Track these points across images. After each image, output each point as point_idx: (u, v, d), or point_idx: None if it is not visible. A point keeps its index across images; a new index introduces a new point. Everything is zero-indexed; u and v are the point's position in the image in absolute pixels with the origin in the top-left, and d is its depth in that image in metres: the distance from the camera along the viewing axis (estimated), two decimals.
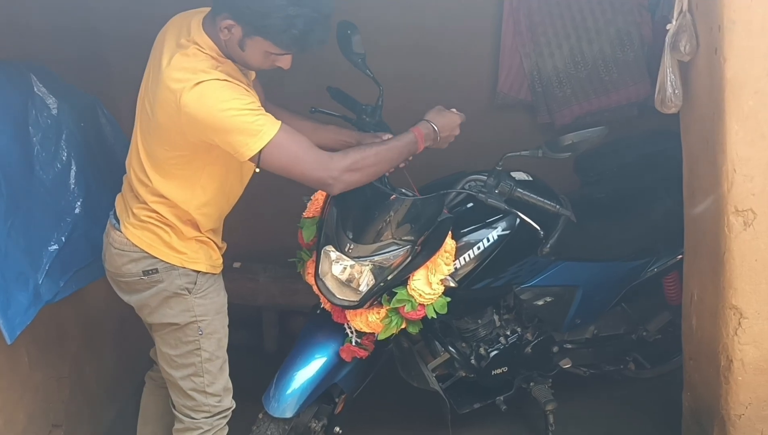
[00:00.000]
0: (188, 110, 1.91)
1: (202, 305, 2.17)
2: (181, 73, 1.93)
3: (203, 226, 2.14)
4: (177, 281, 2.13)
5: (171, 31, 2.06)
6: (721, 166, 2.00)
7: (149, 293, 2.15)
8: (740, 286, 2.04)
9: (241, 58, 2.00)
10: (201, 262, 2.16)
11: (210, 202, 2.13)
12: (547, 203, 2.33)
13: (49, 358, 2.53)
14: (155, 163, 2.07)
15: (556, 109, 3.19)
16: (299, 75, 2.46)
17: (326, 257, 2.25)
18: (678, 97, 2.13)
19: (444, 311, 2.25)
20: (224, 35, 1.95)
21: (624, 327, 2.85)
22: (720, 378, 2.16)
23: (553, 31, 3.09)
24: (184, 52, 1.97)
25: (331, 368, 2.38)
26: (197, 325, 2.16)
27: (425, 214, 2.24)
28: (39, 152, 2.30)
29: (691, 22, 2.05)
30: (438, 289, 2.22)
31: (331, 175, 2.00)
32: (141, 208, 2.12)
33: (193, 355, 2.19)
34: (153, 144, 2.05)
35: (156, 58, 2.04)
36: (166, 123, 1.97)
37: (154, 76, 2.02)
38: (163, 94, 1.95)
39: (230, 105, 1.91)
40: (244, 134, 1.92)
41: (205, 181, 2.09)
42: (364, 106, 2.43)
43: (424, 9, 3.11)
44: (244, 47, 1.96)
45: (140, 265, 2.13)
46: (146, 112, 2.05)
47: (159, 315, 2.17)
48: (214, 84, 1.91)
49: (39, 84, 2.37)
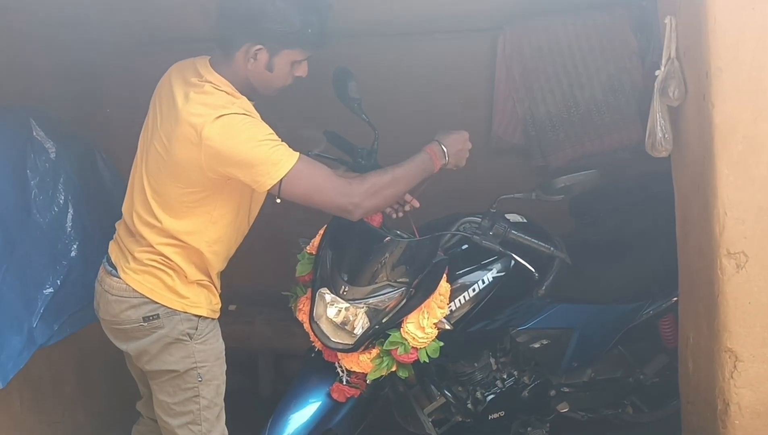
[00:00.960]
0: (210, 143, 1.94)
1: (202, 351, 2.15)
2: (201, 108, 1.97)
3: (211, 265, 2.14)
4: (179, 327, 2.11)
5: (175, 76, 2.11)
6: (712, 210, 2.01)
7: (149, 340, 2.12)
8: (735, 329, 2.04)
9: (267, 81, 2.06)
10: (202, 306, 2.16)
11: (221, 239, 2.13)
12: (542, 245, 2.34)
13: (43, 402, 2.51)
14: (166, 202, 2.07)
15: (550, 152, 3.22)
16: (296, 119, 2.50)
17: (321, 300, 2.25)
18: (668, 141, 2.16)
19: (436, 356, 2.24)
20: (251, 65, 2.02)
21: (621, 370, 2.83)
22: (717, 422, 2.15)
23: (546, 77, 3.14)
24: (200, 90, 2.01)
25: (326, 412, 2.36)
26: (197, 371, 2.14)
27: (420, 256, 2.25)
28: (36, 196, 2.32)
29: (679, 69, 2.10)
30: (431, 332, 2.22)
31: (352, 201, 2.03)
32: (144, 251, 2.11)
33: (191, 402, 2.16)
34: (166, 183, 2.06)
35: (165, 99, 2.08)
36: (185, 159, 1.99)
37: (166, 116, 2.05)
38: (182, 129, 1.98)
39: (251, 136, 1.96)
40: (266, 164, 1.95)
41: (216, 217, 2.10)
42: (359, 149, 2.46)
43: (419, 54, 3.17)
44: (273, 67, 2.03)
45: (140, 311, 2.11)
46: (157, 151, 2.06)
47: (158, 362, 2.14)
48: (235, 117, 1.97)
49: (38, 128, 2.40)
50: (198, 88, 2.02)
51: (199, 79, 2.04)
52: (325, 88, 2.35)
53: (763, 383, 2.06)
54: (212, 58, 2.09)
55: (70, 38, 2.90)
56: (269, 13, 1.97)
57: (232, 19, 2.02)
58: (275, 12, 1.97)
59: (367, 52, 2.99)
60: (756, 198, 1.97)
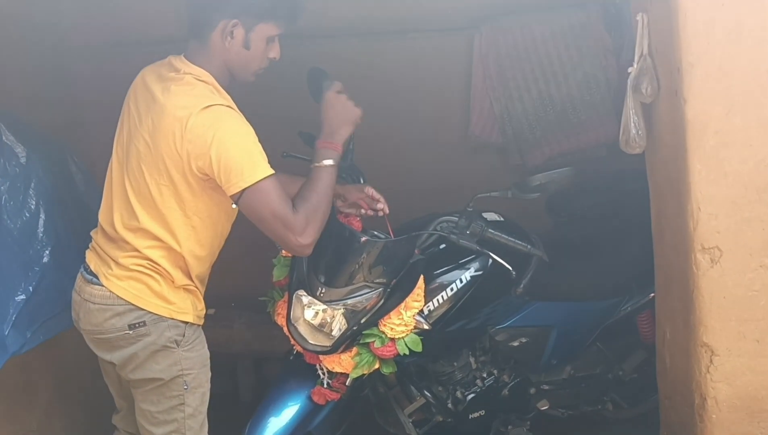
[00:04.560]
0: (196, 132, 1.91)
1: (189, 358, 2.11)
2: (185, 99, 1.95)
3: (193, 269, 2.10)
4: (166, 334, 2.07)
5: (149, 76, 2.08)
6: (686, 205, 2.03)
7: (135, 348, 2.07)
8: (710, 324, 2.05)
9: (244, 61, 2.05)
10: (189, 312, 2.12)
11: (202, 242, 2.09)
12: (519, 243, 2.34)
13: (17, 411, 2.47)
14: (148, 202, 2.03)
15: (527, 150, 3.23)
16: (270, 121, 2.48)
17: (298, 302, 2.24)
18: (642, 137, 2.17)
19: (417, 348, 2.23)
20: (228, 43, 2.01)
21: (600, 367, 2.84)
22: (695, 417, 2.16)
23: (522, 75, 3.15)
24: (181, 82, 1.99)
25: (306, 415, 2.35)
26: (183, 379, 2.10)
27: (397, 256, 2.24)
28: (7, 201, 2.28)
29: (651, 65, 2.11)
30: (408, 320, 2.20)
31: (298, 241, 1.97)
32: (129, 256, 2.06)
33: (176, 410, 2.11)
34: (149, 182, 2.01)
35: (142, 98, 2.05)
36: (168, 153, 1.96)
37: (146, 114, 2.01)
38: (166, 122, 1.95)
39: (238, 130, 1.95)
40: (242, 162, 1.92)
41: (196, 220, 2.06)
42: None
43: (397, 52, 3.17)
44: (249, 44, 2.02)
45: (126, 319, 2.05)
46: (138, 151, 2.02)
47: (144, 370, 2.09)
48: (222, 109, 1.96)
49: (7, 132, 2.35)
50: (179, 81, 1.99)
51: (177, 72, 2.02)
52: (299, 88, 2.34)
53: (739, 377, 2.08)
54: (186, 52, 2.07)
55: (40, 40, 2.86)
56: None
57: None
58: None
59: (342, 51, 2.98)
60: (729, 192, 1.99)
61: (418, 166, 3.24)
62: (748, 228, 1.99)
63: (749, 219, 1.99)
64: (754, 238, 2.00)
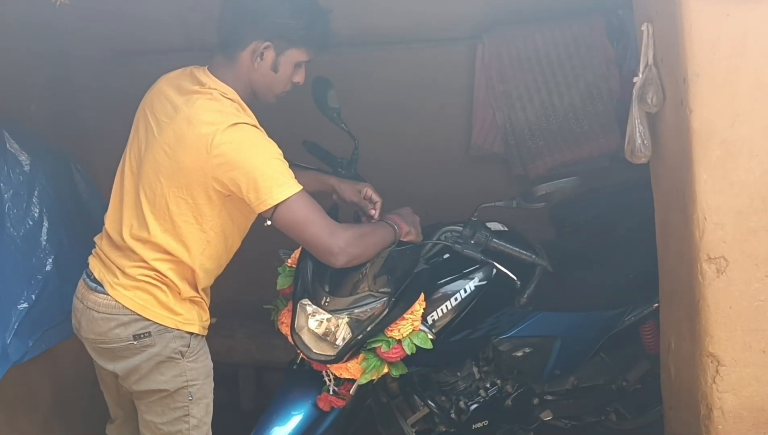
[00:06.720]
0: (223, 149, 1.91)
1: (194, 369, 2.10)
2: (212, 115, 1.95)
3: (201, 282, 2.10)
4: (171, 344, 2.06)
5: (167, 86, 2.06)
6: (691, 215, 2.02)
7: (139, 359, 2.05)
8: (716, 334, 2.05)
9: (270, 84, 2.05)
10: (195, 323, 2.11)
11: (213, 256, 2.09)
12: (523, 253, 2.34)
13: (17, 420, 2.46)
14: (162, 214, 2.01)
15: (529, 161, 3.23)
16: (275, 130, 2.48)
17: (302, 311, 2.23)
18: (647, 147, 2.17)
19: (426, 345, 2.21)
20: (257, 64, 2.01)
21: (604, 377, 2.83)
22: (701, 427, 2.15)
23: (525, 85, 3.16)
24: (209, 97, 1.99)
25: (309, 425, 2.33)
26: (188, 390, 2.09)
27: (402, 265, 2.23)
28: (10, 209, 2.28)
29: (657, 75, 2.11)
30: (413, 318, 2.19)
31: (338, 244, 2.01)
32: (136, 266, 2.04)
33: (180, 422, 2.10)
34: (166, 194, 2.00)
35: (160, 109, 2.03)
36: (190, 165, 1.95)
37: (166, 125, 2.00)
38: (191, 136, 1.94)
39: (264, 149, 1.95)
40: (271, 181, 1.93)
41: (211, 235, 2.05)
42: (339, 159, 2.45)
43: (400, 61, 3.18)
44: (278, 67, 2.03)
45: (130, 329, 2.04)
46: (156, 162, 2.00)
47: (148, 382, 2.08)
48: (249, 128, 1.96)
49: (12, 140, 2.36)
50: (205, 96, 1.99)
51: (201, 86, 2.01)
52: (304, 97, 2.34)
53: (746, 387, 2.07)
54: (210, 66, 2.06)
55: (45, 49, 2.86)
56: (279, 9, 1.99)
57: (241, 17, 2.00)
58: (285, 8, 1.99)
59: (346, 61, 2.99)
60: (734, 202, 1.98)
61: (420, 175, 3.24)
62: (754, 238, 1.99)
63: (755, 229, 1.99)
64: (761, 247, 1.99)
